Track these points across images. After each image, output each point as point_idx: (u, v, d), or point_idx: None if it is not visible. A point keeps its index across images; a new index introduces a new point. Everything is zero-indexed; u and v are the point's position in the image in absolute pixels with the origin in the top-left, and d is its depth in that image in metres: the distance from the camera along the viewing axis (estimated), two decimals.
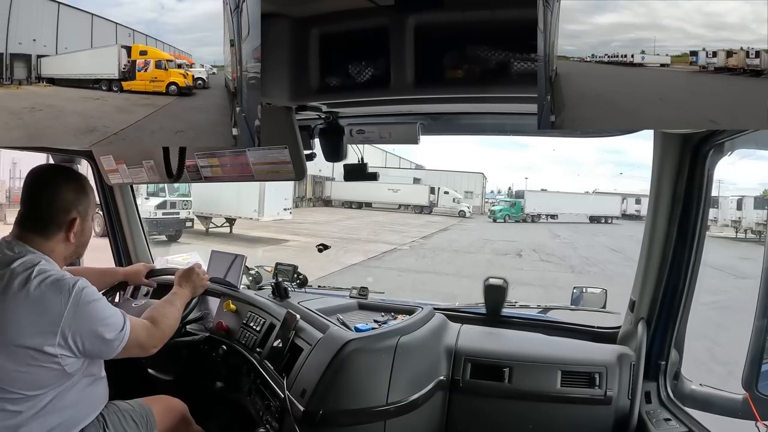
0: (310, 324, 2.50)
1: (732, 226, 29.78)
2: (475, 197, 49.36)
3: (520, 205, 41.97)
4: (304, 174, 2.15)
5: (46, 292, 1.84)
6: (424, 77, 1.67)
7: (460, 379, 2.35)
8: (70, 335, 1.83)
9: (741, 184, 33.42)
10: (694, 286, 2.24)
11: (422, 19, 1.62)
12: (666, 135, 2.09)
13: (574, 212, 40.99)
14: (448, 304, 2.97)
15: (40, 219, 1.97)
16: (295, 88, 1.82)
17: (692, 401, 2.32)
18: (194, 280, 2.56)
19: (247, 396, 2.66)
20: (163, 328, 2.18)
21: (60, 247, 1.99)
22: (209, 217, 21.49)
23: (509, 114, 2.25)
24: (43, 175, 2.03)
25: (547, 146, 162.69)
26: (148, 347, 2.10)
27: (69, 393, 1.93)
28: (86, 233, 2.08)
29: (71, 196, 1.99)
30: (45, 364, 1.83)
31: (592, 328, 2.70)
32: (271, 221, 22.06)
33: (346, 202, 43.32)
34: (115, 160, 2.90)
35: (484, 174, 53.47)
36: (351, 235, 23.76)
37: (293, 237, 20.58)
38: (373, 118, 2.38)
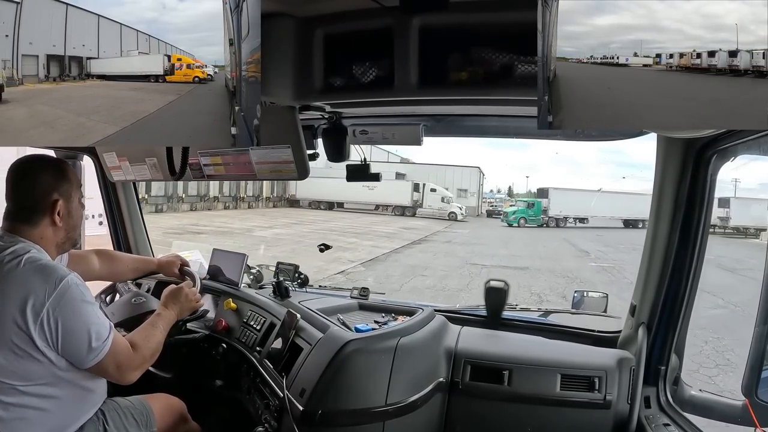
0: (311, 324, 2.50)
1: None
2: (470, 196, 43.43)
3: (539, 206, 36.32)
4: (307, 174, 2.16)
5: (31, 277, 1.84)
6: (428, 78, 1.66)
7: (459, 381, 2.35)
8: (48, 327, 1.81)
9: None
10: (696, 291, 2.24)
11: (427, 21, 1.62)
12: (669, 139, 2.08)
13: (607, 215, 35.93)
14: (448, 306, 2.97)
15: (24, 207, 1.98)
16: (298, 88, 1.82)
17: (691, 407, 2.31)
18: (182, 301, 2.38)
19: (247, 395, 2.66)
20: (144, 354, 2.06)
21: (48, 233, 1.99)
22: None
23: (512, 117, 2.25)
24: (21, 165, 2.03)
25: (548, 145, 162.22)
26: (124, 371, 1.99)
27: (65, 388, 1.92)
28: (74, 215, 2.06)
29: (50, 179, 1.99)
30: (33, 355, 1.82)
31: (593, 332, 2.70)
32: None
33: (314, 202, 38.76)
34: (117, 158, 2.90)
35: (480, 169, 46.93)
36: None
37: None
38: (376, 119, 2.39)
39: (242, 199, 37.62)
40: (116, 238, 3.62)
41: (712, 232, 2.98)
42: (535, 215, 35.75)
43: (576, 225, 36.17)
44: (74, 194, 2.06)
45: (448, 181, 41.26)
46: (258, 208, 37.70)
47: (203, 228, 22.28)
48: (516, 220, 35.15)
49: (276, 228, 24.45)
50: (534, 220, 35.44)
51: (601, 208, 35.65)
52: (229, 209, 35.09)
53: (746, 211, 30.71)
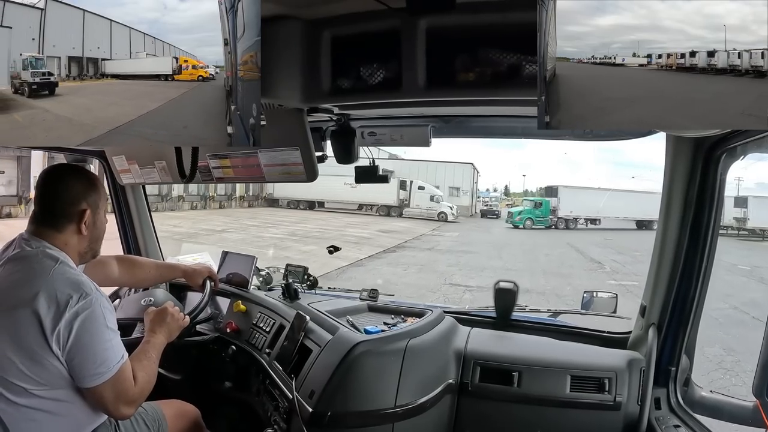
0: (320, 325, 2.50)
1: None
2: (463, 195, 40.15)
3: (548, 206, 33.75)
4: (316, 176, 2.16)
5: (61, 285, 1.84)
6: (436, 80, 1.67)
7: (468, 383, 2.35)
8: (63, 336, 1.81)
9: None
10: (706, 291, 2.22)
11: (434, 22, 1.62)
12: (678, 138, 2.07)
13: (620, 215, 32.90)
14: (458, 308, 2.97)
15: (51, 213, 1.99)
16: (307, 90, 1.83)
17: (702, 408, 2.30)
18: (169, 322, 2.29)
19: (256, 396, 2.67)
20: (142, 385, 1.98)
21: (73, 240, 2.00)
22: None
23: (520, 117, 2.25)
24: (53, 172, 2.05)
25: (544, 144, 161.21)
26: (121, 403, 1.92)
27: (76, 392, 1.91)
28: (99, 227, 2.07)
29: (80, 189, 2.01)
30: (49, 360, 1.82)
31: (602, 333, 2.68)
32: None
33: (292, 202, 36.20)
34: (127, 161, 2.91)
35: (474, 165, 42.96)
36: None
37: None
38: (384, 121, 2.39)
39: (212, 198, 35.03)
40: (126, 241, 3.63)
41: (726, 234, 2.88)
42: (543, 216, 33.38)
43: (587, 226, 33.61)
44: (101, 206, 2.08)
45: (439, 179, 38.29)
46: (230, 208, 35.70)
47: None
48: (522, 221, 32.80)
49: (229, 233, 22.13)
50: (542, 221, 33.11)
51: (613, 208, 32.67)
52: (196, 209, 32.78)
53: (767, 212, 28.73)
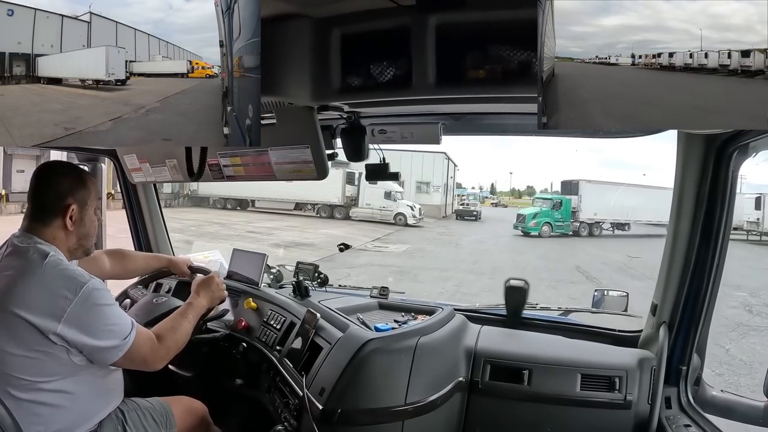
0: (330, 323, 2.51)
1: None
2: (433, 191, 33.35)
3: (569, 207, 26.06)
4: (326, 174, 2.18)
5: (54, 280, 1.89)
6: (446, 77, 1.66)
7: (479, 381, 2.34)
8: (69, 332, 1.86)
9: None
10: (717, 290, 2.20)
11: (444, 19, 1.62)
12: (689, 136, 2.06)
13: (653, 219, 24.61)
14: (468, 305, 2.96)
15: (39, 208, 2.04)
16: (317, 89, 1.83)
17: (713, 407, 2.29)
18: (213, 289, 2.47)
19: (266, 393, 2.67)
20: (169, 345, 2.14)
21: (60, 235, 2.04)
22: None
23: (531, 114, 2.24)
24: (43, 170, 2.10)
25: (530, 142, 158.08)
26: (150, 362, 2.08)
27: (80, 384, 1.96)
28: (86, 224, 2.10)
29: (67, 185, 2.05)
30: (51, 351, 1.86)
31: (613, 332, 2.67)
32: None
33: (220, 200, 30.95)
34: (138, 159, 2.94)
35: (448, 155, 34.84)
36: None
37: None
38: (394, 118, 2.39)
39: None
40: (137, 238, 3.67)
41: (742, 239, 2.74)
42: (563, 219, 26.10)
43: (614, 233, 26.93)
44: (90, 203, 2.11)
45: (404, 172, 27.35)
46: (174, 207, 29.79)
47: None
48: (538, 227, 25.46)
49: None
50: (562, 226, 25.97)
51: (645, 210, 25.90)
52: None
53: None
